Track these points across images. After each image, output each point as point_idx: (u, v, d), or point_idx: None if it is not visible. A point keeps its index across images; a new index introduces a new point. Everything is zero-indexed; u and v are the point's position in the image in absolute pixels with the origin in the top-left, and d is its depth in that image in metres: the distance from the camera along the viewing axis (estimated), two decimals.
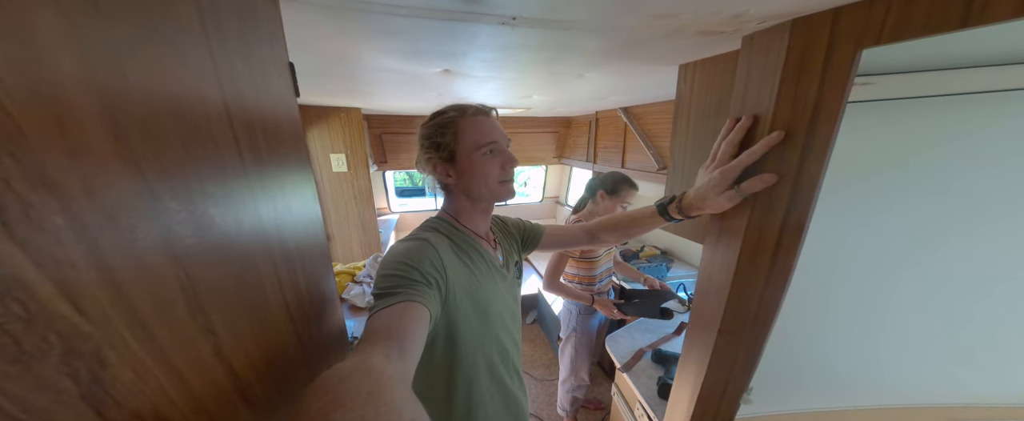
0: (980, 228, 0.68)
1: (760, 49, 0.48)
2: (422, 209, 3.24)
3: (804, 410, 0.89)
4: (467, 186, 0.57)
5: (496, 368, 0.62)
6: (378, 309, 0.42)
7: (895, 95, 0.54)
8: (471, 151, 0.55)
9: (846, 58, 0.39)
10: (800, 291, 0.53)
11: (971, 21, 0.30)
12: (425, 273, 0.47)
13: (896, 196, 0.66)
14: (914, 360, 0.83)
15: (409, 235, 0.56)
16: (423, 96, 1.40)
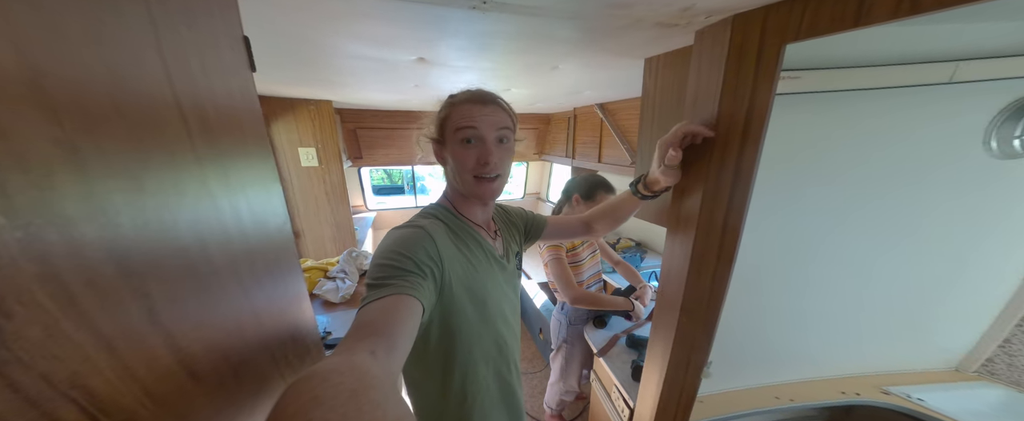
0: (874, 213, 0.77)
1: (708, 43, 0.52)
2: (401, 207, 3.18)
3: (751, 386, 0.96)
4: (452, 175, 0.57)
5: (493, 360, 0.60)
6: (368, 301, 0.41)
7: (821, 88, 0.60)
8: (451, 136, 0.53)
9: (774, 52, 0.43)
10: (738, 277, 0.58)
11: (861, 21, 0.36)
12: (419, 262, 0.46)
13: (809, 184, 0.73)
14: (830, 336, 0.93)
15: (407, 222, 0.54)
16: (400, 87, 1.37)
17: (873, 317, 0.91)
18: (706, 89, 0.53)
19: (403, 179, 4.63)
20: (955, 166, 0.73)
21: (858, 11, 0.36)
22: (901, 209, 0.77)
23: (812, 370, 0.99)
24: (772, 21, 0.43)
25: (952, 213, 0.78)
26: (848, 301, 0.88)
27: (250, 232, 0.36)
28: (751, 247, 0.55)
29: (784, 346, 0.94)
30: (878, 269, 0.84)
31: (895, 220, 0.78)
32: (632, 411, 0.93)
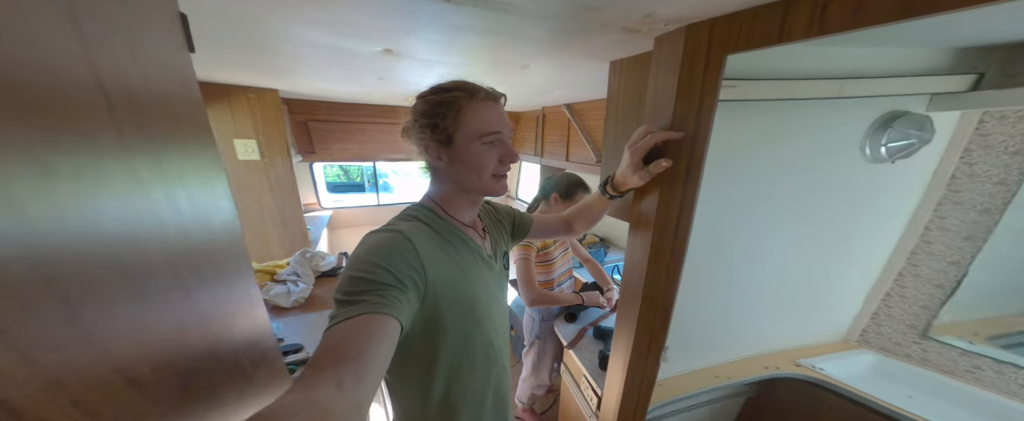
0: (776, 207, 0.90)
1: (666, 49, 0.56)
2: (361, 205, 3.00)
3: (695, 369, 1.08)
4: (459, 175, 0.53)
5: (481, 365, 0.58)
6: (338, 320, 0.37)
7: (749, 97, 0.70)
8: (471, 139, 0.50)
9: (718, 60, 0.49)
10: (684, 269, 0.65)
11: (783, 38, 0.43)
12: (398, 273, 0.42)
13: (731, 183, 0.84)
14: (752, 318, 1.07)
15: (384, 226, 0.50)
16: (361, 79, 1.29)
17: (782, 299, 1.06)
18: (663, 92, 0.58)
19: (362, 176, 4.36)
20: (838, 167, 0.88)
21: (781, 30, 0.43)
22: (796, 203, 0.90)
23: (743, 350, 1.13)
24: (717, 32, 0.48)
25: (834, 207, 0.94)
26: (762, 286, 1.02)
27: (191, 229, 0.32)
28: (691, 241, 0.62)
29: (719, 330, 1.07)
30: (781, 256, 0.98)
31: (792, 213, 0.92)
32: (600, 399, 0.98)
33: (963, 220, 0.92)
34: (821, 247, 1.00)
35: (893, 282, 1.06)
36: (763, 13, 0.44)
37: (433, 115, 0.50)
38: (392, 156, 2.42)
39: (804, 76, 0.71)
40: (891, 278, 1.06)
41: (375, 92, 1.64)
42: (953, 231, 0.93)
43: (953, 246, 0.94)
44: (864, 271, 1.07)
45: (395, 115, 2.28)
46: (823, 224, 0.95)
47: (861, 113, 0.82)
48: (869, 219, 0.98)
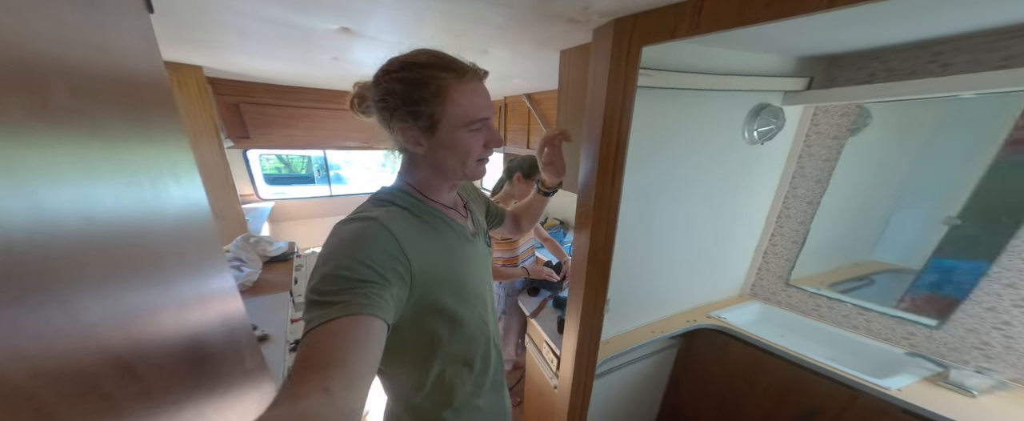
0: (685, 179, 1.10)
1: (601, 40, 0.68)
2: (311, 196, 2.74)
3: (633, 327, 1.26)
4: (440, 161, 0.48)
5: (475, 342, 0.56)
6: (317, 323, 0.33)
7: (662, 85, 0.87)
8: (458, 127, 0.45)
9: (636, 51, 0.62)
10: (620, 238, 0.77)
11: (675, 36, 0.57)
12: (379, 267, 0.39)
13: (652, 157, 1.01)
14: (675, 278, 1.29)
15: (355, 213, 0.45)
16: (311, 58, 1.22)
17: (694, 262, 1.29)
18: (599, 78, 0.70)
19: (309, 166, 3.95)
20: (725, 147, 1.11)
21: (674, 27, 0.56)
22: (697, 179, 1.12)
23: (670, 308, 1.34)
24: (638, 26, 0.61)
25: (725, 181, 1.18)
26: (679, 252, 1.23)
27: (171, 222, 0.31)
28: (623, 214, 0.75)
29: (650, 292, 1.26)
30: (689, 225, 1.20)
31: (694, 187, 1.13)
32: (559, 359, 1.09)
33: (806, 189, 1.23)
34: (718, 216, 1.24)
35: (768, 242, 1.37)
36: (668, 12, 0.57)
37: (412, 99, 0.43)
38: (345, 144, 2.28)
39: (700, 71, 0.90)
40: (766, 239, 1.37)
41: (327, 74, 1.55)
42: (801, 197, 1.25)
43: (801, 209, 1.26)
44: (749, 235, 1.36)
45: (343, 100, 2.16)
46: (718, 196, 1.19)
47: (740, 104, 1.06)
48: (749, 190, 1.26)
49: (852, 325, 1.20)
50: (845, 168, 1.14)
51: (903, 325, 1.08)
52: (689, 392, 1.43)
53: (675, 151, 1.04)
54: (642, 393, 1.45)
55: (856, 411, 0.95)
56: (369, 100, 0.48)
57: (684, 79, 0.88)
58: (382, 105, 0.46)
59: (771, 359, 1.13)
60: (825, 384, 1.01)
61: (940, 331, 1.01)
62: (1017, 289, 0.88)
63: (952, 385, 0.90)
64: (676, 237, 1.20)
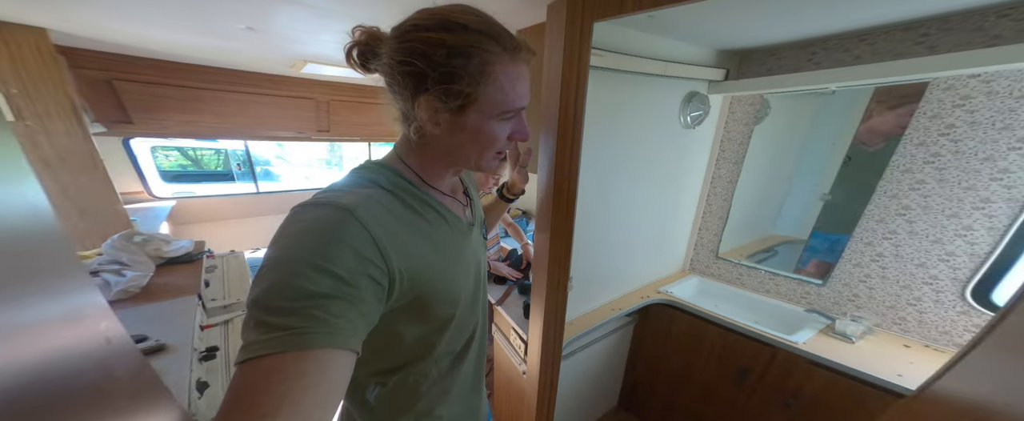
0: (634, 161, 1.19)
1: (555, 17, 0.70)
2: (226, 194, 2.32)
3: (596, 307, 1.31)
4: (456, 147, 0.41)
5: (456, 343, 0.50)
6: (253, 355, 0.25)
7: (611, 67, 0.93)
8: (493, 113, 0.38)
9: (589, 27, 0.64)
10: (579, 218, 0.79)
11: (624, 10, 0.60)
12: (348, 274, 0.29)
13: (608, 142, 1.08)
14: (630, 258, 1.38)
15: (321, 196, 0.35)
16: (216, 27, 1.01)
17: (646, 241, 1.41)
18: (555, 56, 0.71)
19: (225, 162, 3.31)
20: (667, 131, 1.23)
21: (622, 4, 0.60)
22: (644, 160, 1.22)
23: (627, 285, 1.43)
24: (588, 2, 0.63)
25: (667, 163, 1.31)
26: (633, 231, 1.33)
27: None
28: (583, 197, 0.77)
29: (610, 271, 1.32)
30: (641, 206, 1.30)
31: (643, 169, 1.23)
32: (526, 344, 1.07)
33: (728, 169, 1.44)
34: (664, 196, 1.37)
35: (701, 220, 1.55)
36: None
37: (449, 70, 0.34)
38: (274, 134, 1.98)
39: (644, 56, 0.99)
40: (700, 216, 1.55)
41: (246, 50, 1.32)
42: (724, 178, 1.45)
43: (724, 188, 1.46)
44: (687, 213, 1.53)
45: (274, 85, 1.88)
46: (663, 177, 1.32)
47: (675, 91, 1.19)
48: (686, 172, 1.42)
49: (766, 290, 1.40)
50: (753, 152, 1.36)
51: (801, 286, 1.30)
52: (646, 366, 1.52)
53: (626, 135, 1.11)
54: (606, 371, 1.50)
55: (776, 366, 1.10)
56: (383, 55, 0.37)
57: (631, 62, 0.95)
58: (406, 68, 0.36)
59: (710, 327, 1.25)
60: (752, 345, 1.15)
61: (825, 288, 1.24)
62: (872, 246, 1.12)
63: (837, 334, 1.10)
64: (631, 217, 1.28)
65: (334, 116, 2.24)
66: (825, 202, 1.22)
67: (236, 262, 1.48)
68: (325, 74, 1.79)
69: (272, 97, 1.89)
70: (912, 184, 1.01)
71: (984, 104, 0.88)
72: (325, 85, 2.08)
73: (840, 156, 1.15)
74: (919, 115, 0.97)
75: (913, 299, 1.06)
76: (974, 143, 0.90)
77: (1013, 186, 0.87)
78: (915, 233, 1.03)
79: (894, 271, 1.09)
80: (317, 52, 1.28)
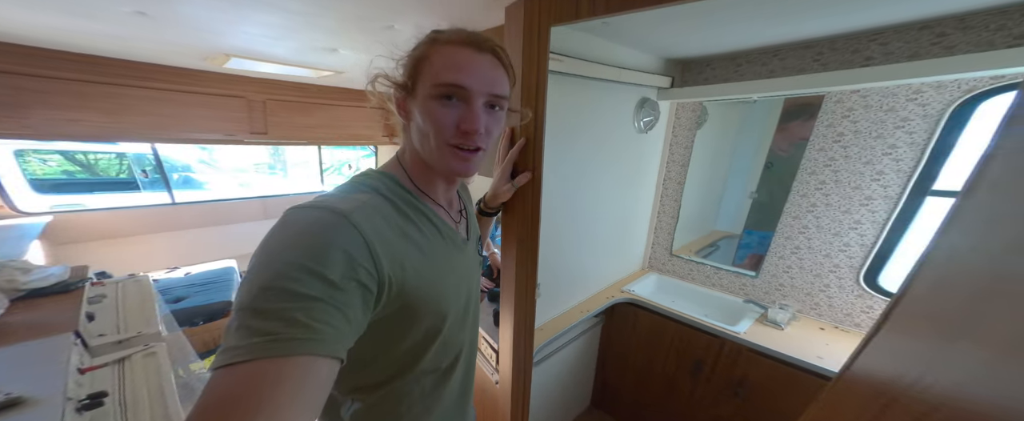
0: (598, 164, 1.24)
1: (513, 20, 0.69)
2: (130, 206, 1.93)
3: (565, 310, 1.32)
4: (416, 137, 0.44)
5: (441, 358, 0.49)
6: (238, 360, 0.24)
7: (569, 72, 0.95)
8: (429, 91, 0.40)
9: (546, 31, 0.65)
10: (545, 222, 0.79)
11: (580, 15, 0.61)
12: (339, 278, 0.29)
13: (573, 144, 1.11)
14: (599, 260, 1.43)
15: (319, 200, 0.35)
16: (92, 10, 0.80)
17: (610, 242, 1.46)
18: (514, 58, 0.69)
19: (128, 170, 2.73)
20: (624, 136, 1.31)
21: (577, 10, 0.61)
22: (605, 164, 1.28)
23: (594, 287, 1.46)
24: (545, 5, 0.64)
25: (625, 166, 1.38)
26: (598, 234, 1.37)
27: None
28: (549, 202, 0.77)
29: (577, 274, 1.34)
30: (605, 208, 1.36)
31: (603, 172, 1.29)
32: (498, 353, 1.03)
33: (676, 171, 1.56)
34: (624, 198, 1.44)
35: (657, 219, 1.66)
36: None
37: (407, 58, 0.43)
38: (193, 136, 1.69)
39: (600, 62, 1.03)
40: (655, 216, 1.66)
41: (138, 40, 1.10)
42: (673, 179, 1.58)
43: (674, 189, 1.58)
44: (644, 213, 1.63)
45: (190, 81, 1.62)
46: (620, 180, 1.38)
47: (629, 97, 1.26)
48: (643, 174, 1.51)
49: (712, 283, 1.53)
50: (697, 155, 1.49)
51: (739, 278, 1.45)
52: (614, 366, 1.56)
53: (586, 139, 1.15)
54: (578, 372, 1.51)
55: (725, 356, 1.20)
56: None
57: (588, 67, 0.99)
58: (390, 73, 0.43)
59: (669, 323, 1.33)
60: (704, 337, 1.24)
61: (758, 280, 1.39)
62: (791, 240, 1.28)
63: (770, 322, 1.23)
64: (594, 219, 1.31)
65: (272, 117, 1.99)
66: (753, 200, 1.38)
67: (137, 287, 1.21)
68: (258, 71, 1.59)
69: (188, 95, 1.62)
70: (816, 185, 1.19)
71: (863, 116, 1.06)
72: (259, 82, 1.85)
73: (762, 158, 1.31)
74: (818, 124, 1.14)
75: (823, 286, 1.23)
76: (858, 149, 1.08)
77: (888, 186, 1.06)
78: (821, 228, 1.21)
79: (808, 262, 1.25)
80: (241, 45, 1.12)
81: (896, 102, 1.00)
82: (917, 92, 0.96)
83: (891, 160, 1.04)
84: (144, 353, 0.92)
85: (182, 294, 1.78)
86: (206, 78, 1.64)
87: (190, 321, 1.66)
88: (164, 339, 1.02)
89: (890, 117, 1.02)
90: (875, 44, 0.96)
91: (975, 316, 0.26)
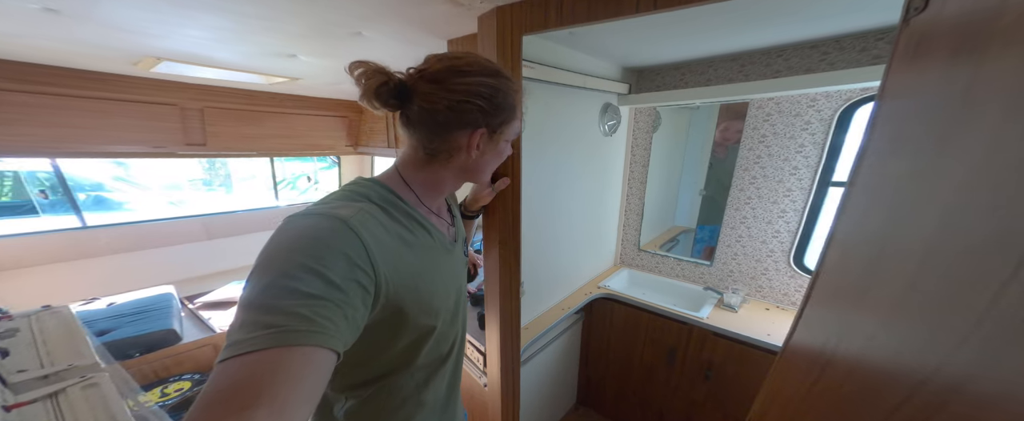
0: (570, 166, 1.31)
1: (486, 28, 0.72)
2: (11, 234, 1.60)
3: (548, 308, 1.35)
4: (482, 166, 0.51)
5: (432, 359, 0.51)
6: (237, 352, 0.26)
7: (541, 78, 1.01)
8: (511, 137, 0.51)
9: (518, 40, 0.69)
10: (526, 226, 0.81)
11: (548, 25, 0.66)
12: (339, 278, 0.32)
13: (547, 147, 1.17)
14: (577, 258, 1.50)
15: (315, 207, 0.38)
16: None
17: (585, 241, 1.53)
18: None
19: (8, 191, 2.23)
20: (592, 139, 1.40)
21: (545, 20, 0.66)
22: (577, 166, 1.35)
23: (573, 285, 1.51)
24: (516, 15, 0.67)
25: (594, 168, 1.47)
26: (574, 233, 1.44)
27: None
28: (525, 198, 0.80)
29: (558, 273, 1.38)
30: (579, 208, 1.43)
31: (576, 174, 1.36)
32: (485, 356, 1.02)
33: (638, 171, 1.69)
34: (594, 197, 1.52)
35: (624, 217, 1.78)
36: (538, 4, 0.65)
37: (499, 107, 0.46)
38: (109, 149, 1.46)
39: (569, 69, 1.11)
40: (623, 214, 1.78)
41: (44, 39, 0.93)
42: (636, 179, 1.71)
43: (638, 188, 1.71)
44: (613, 212, 1.73)
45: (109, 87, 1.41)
46: (591, 180, 1.46)
47: (594, 102, 1.36)
48: (611, 174, 1.61)
49: (676, 274, 1.67)
50: (655, 156, 1.63)
51: (697, 268, 1.59)
52: (596, 360, 1.61)
53: (559, 142, 1.21)
54: (563, 370, 1.53)
55: (693, 341, 1.30)
56: (428, 94, 0.43)
57: (558, 74, 1.05)
58: (467, 105, 0.43)
59: (642, 314, 1.41)
60: (675, 325, 1.34)
61: (713, 268, 1.54)
62: (735, 230, 1.45)
63: (726, 306, 1.37)
64: (571, 218, 1.37)
65: (212, 126, 1.80)
66: (703, 197, 1.54)
67: (57, 319, 1.03)
68: (194, 76, 1.44)
69: (103, 102, 1.41)
70: (750, 179, 1.37)
71: (779, 120, 1.25)
72: (195, 89, 1.67)
73: (707, 159, 1.48)
74: (747, 127, 1.32)
75: (763, 270, 1.41)
76: (778, 148, 1.28)
77: (802, 178, 1.25)
78: (757, 218, 1.38)
79: (750, 249, 1.43)
80: (177, 49, 1.00)
81: (800, 108, 1.20)
82: (814, 100, 1.17)
83: (802, 157, 1.24)
84: (83, 385, 0.81)
85: (107, 326, 1.54)
86: (133, 84, 1.44)
87: (124, 353, 1.44)
88: (105, 370, 0.89)
89: (797, 121, 1.22)
90: (780, 59, 1.16)
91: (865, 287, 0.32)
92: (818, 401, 0.37)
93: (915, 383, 0.22)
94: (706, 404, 1.32)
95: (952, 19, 0.26)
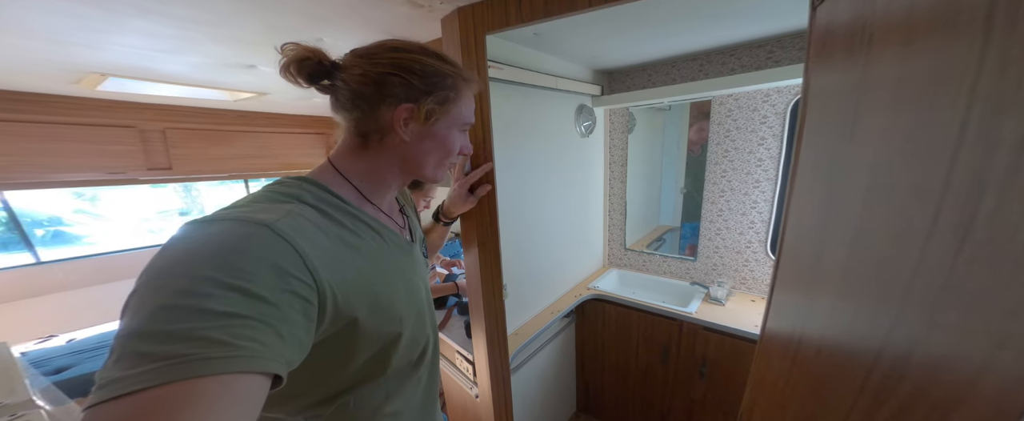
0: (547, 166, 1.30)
1: (449, 30, 0.72)
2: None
3: (537, 312, 1.31)
4: (420, 154, 0.46)
5: (402, 367, 0.47)
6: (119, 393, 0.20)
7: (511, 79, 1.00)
8: (456, 124, 0.47)
9: (482, 39, 0.68)
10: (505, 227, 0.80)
11: (510, 23, 0.66)
12: (269, 293, 0.26)
13: (522, 148, 1.15)
14: (564, 261, 1.47)
15: (220, 211, 0.31)
16: None
17: (571, 244, 1.52)
18: None
19: None
20: (568, 140, 1.40)
21: (506, 18, 0.66)
22: (555, 168, 1.34)
23: (563, 287, 1.48)
24: (477, 15, 0.67)
25: (573, 169, 1.46)
26: (559, 235, 1.42)
27: None
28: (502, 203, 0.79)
29: (545, 276, 1.35)
30: (561, 210, 1.42)
31: (551, 172, 1.34)
32: (474, 365, 0.98)
33: (618, 171, 1.70)
34: (574, 199, 1.51)
35: (609, 217, 1.77)
36: (498, 2, 0.65)
37: (429, 84, 0.43)
38: (58, 178, 1.37)
39: (537, 71, 1.11)
40: (607, 215, 1.77)
41: None
42: (617, 178, 1.72)
43: (619, 188, 1.72)
44: (597, 212, 1.73)
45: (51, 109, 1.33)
46: (569, 181, 1.46)
47: (568, 103, 1.37)
48: (592, 175, 1.61)
49: (663, 272, 1.66)
50: (632, 156, 1.65)
51: (683, 264, 1.59)
52: (592, 366, 1.57)
53: (533, 144, 1.20)
54: (559, 376, 1.48)
55: (684, 336, 1.29)
56: (350, 68, 0.41)
57: (528, 75, 1.06)
58: (392, 78, 0.41)
59: (633, 313, 1.39)
60: (665, 322, 1.32)
61: (697, 263, 1.55)
62: (714, 224, 1.47)
63: (713, 300, 1.37)
64: (550, 220, 1.35)
65: (176, 149, 1.72)
66: (684, 194, 1.55)
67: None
68: (150, 94, 1.37)
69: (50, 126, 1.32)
70: (721, 173, 1.39)
71: (740, 115, 1.30)
72: (153, 109, 1.59)
73: (685, 157, 1.50)
74: (712, 123, 1.36)
75: (744, 261, 1.42)
76: (742, 142, 1.31)
77: (767, 170, 1.28)
78: (732, 210, 1.40)
79: (730, 241, 1.44)
80: (115, 61, 0.92)
81: (757, 103, 1.25)
82: (767, 95, 1.22)
83: (764, 149, 1.28)
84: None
85: (66, 363, 1.43)
86: (73, 105, 1.36)
87: (84, 390, 1.34)
88: (42, 408, 0.82)
89: (756, 115, 1.27)
90: (734, 58, 1.22)
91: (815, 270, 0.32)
92: (797, 385, 0.36)
93: (871, 359, 0.22)
94: (705, 401, 1.30)
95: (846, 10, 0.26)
